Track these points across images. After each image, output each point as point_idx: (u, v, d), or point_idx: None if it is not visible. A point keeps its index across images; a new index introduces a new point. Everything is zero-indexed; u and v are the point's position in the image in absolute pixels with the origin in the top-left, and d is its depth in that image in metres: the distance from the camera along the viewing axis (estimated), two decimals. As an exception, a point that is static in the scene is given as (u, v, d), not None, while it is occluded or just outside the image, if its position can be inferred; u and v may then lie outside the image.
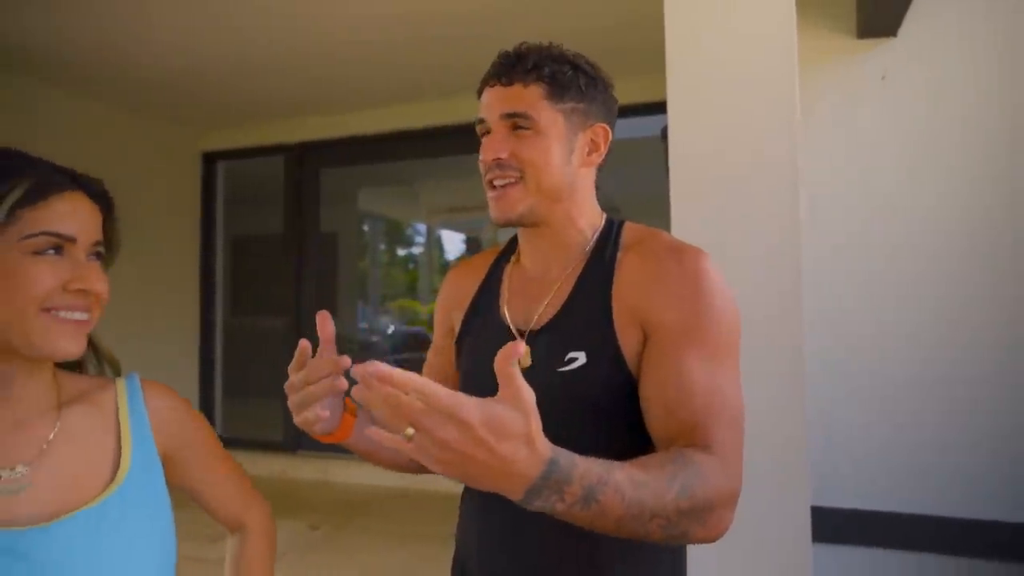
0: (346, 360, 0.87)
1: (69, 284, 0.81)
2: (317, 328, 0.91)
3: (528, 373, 0.97)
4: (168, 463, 0.93)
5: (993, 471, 2.36)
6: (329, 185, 5.59)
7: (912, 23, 2.53)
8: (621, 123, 1.13)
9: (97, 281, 0.83)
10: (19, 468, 0.81)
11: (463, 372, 1.14)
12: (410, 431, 0.64)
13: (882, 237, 2.53)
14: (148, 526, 0.86)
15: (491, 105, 1.03)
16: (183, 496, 1.00)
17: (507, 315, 1.09)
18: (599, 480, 0.72)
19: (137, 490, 0.86)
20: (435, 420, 0.63)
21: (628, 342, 0.96)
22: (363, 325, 8.11)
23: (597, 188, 1.12)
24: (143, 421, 0.92)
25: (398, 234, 9.65)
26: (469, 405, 0.63)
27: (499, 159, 1.01)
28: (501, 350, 0.65)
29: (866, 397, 2.49)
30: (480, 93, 1.07)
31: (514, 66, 1.02)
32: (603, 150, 1.07)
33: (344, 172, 6.07)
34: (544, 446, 0.68)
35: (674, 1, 1.85)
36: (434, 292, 9.48)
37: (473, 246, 8.97)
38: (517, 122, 1.01)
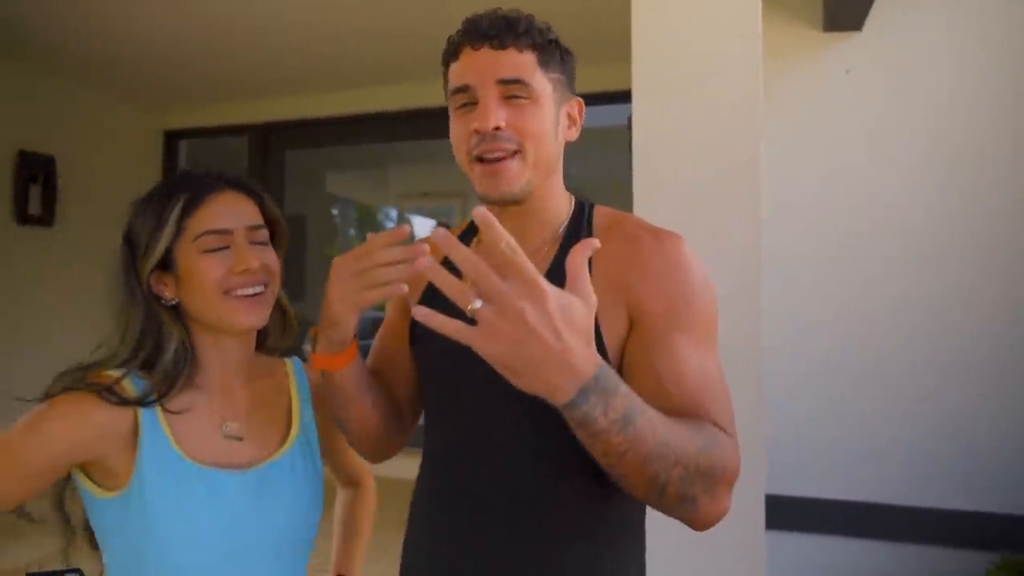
0: (406, 228, 0.87)
1: (234, 268, 0.98)
2: (391, 232, 0.87)
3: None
4: (319, 428, 1.13)
5: (945, 460, 2.42)
6: (297, 167, 5.50)
7: (877, 18, 2.55)
8: (587, 111, 1.09)
9: (255, 259, 0.99)
10: (234, 424, 1.04)
11: (423, 359, 1.06)
12: (477, 303, 0.64)
13: (842, 228, 2.57)
14: (311, 473, 1.08)
15: (481, 69, 0.93)
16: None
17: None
18: (639, 405, 0.73)
19: (302, 447, 1.08)
20: (514, 287, 0.63)
21: (610, 326, 0.92)
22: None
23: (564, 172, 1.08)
24: (306, 395, 1.13)
25: (369, 218, 9.56)
26: (554, 288, 0.64)
27: (498, 128, 0.92)
28: (578, 245, 0.67)
29: (818, 385, 2.54)
30: (454, 56, 0.98)
31: (506, 29, 0.94)
32: (579, 124, 1.03)
33: (312, 154, 5.98)
34: (596, 354, 0.68)
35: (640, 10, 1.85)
36: (402, 277, 9.51)
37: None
38: (513, 90, 0.93)
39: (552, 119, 0.97)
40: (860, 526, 2.46)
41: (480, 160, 0.94)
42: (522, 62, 0.94)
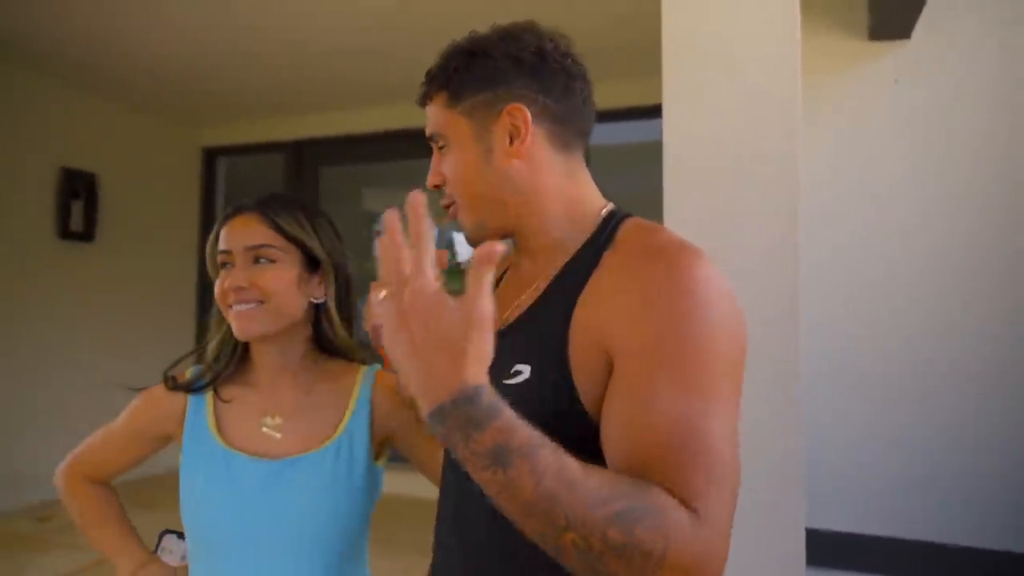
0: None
1: (226, 285, 1.09)
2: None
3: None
4: (392, 439, 1.19)
5: (992, 498, 2.26)
6: (333, 184, 5.51)
7: (926, 24, 2.43)
8: (618, 128, 0.99)
9: (243, 279, 1.08)
10: (277, 418, 1.13)
11: None
12: (383, 293, 0.64)
13: (888, 248, 2.44)
14: (343, 476, 1.11)
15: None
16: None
17: None
18: (519, 447, 0.62)
19: (341, 450, 1.12)
20: (411, 276, 0.63)
21: (583, 364, 0.78)
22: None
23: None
24: (365, 402, 1.17)
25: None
26: (433, 282, 0.62)
27: (436, 186, 0.94)
28: (481, 246, 0.63)
29: (857, 411, 2.40)
30: None
31: (426, 81, 0.95)
32: (526, 132, 0.88)
33: (348, 171, 6.00)
34: (474, 374, 0.62)
35: (671, 3, 1.77)
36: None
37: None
38: (437, 143, 0.94)
39: (477, 154, 0.90)
40: (906, 565, 2.30)
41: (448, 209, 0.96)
42: (433, 111, 0.93)
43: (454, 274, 0.87)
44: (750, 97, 1.70)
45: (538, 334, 0.85)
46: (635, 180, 3.92)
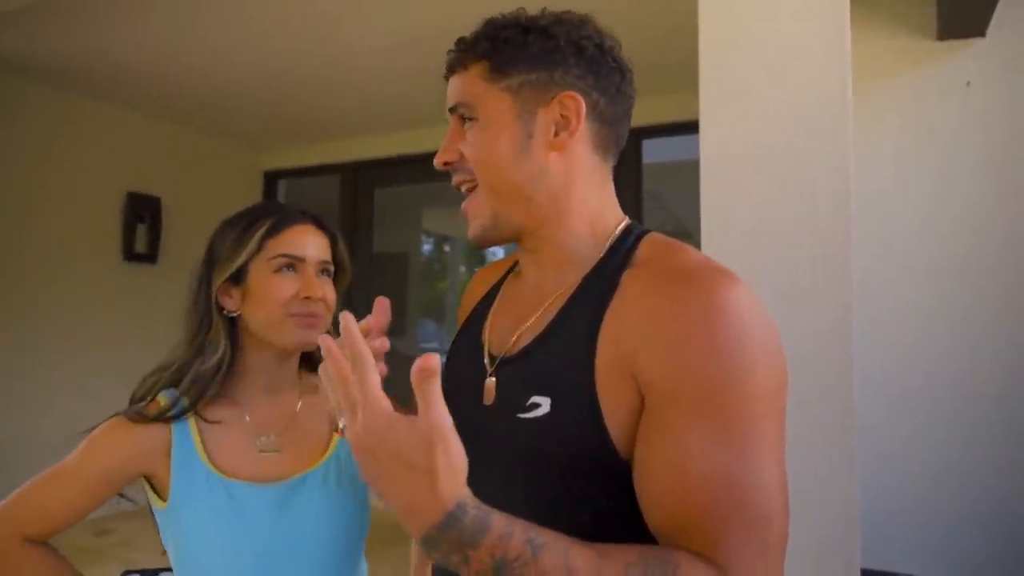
0: (385, 343, 0.78)
1: (300, 292, 1.07)
2: (373, 313, 0.79)
3: (490, 413, 0.81)
4: None
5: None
6: (393, 204, 5.54)
7: (1001, 21, 2.23)
8: (658, 144, 0.89)
9: (320, 289, 1.08)
10: (272, 436, 1.09)
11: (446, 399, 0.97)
12: (342, 421, 0.62)
13: (957, 264, 2.23)
14: (344, 492, 1.09)
15: (447, 98, 0.86)
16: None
17: (486, 335, 0.89)
18: (519, 557, 0.59)
19: (337, 465, 1.10)
20: (361, 400, 0.60)
21: (613, 397, 0.71)
22: (433, 345, 8.08)
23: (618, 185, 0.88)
24: None
25: (476, 255, 9.63)
26: (382, 405, 0.60)
27: (448, 163, 0.84)
28: (417, 360, 0.57)
29: (916, 447, 2.18)
30: None
31: (458, 48, 0.85)
32: (576, 125, 0.80)
33: (407, 191, 6.04)
34: (450, 490, 0.58)
35: (709, 7, 1.65)
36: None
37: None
38: (462, 114, 0.83)
39: (511, 134, 0.80)
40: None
41: (460, 189, 0.86)
42: (465, 82, 0.83)
43: None
44: (795, 106, 1.56)
45: (557, 363, 0.77)
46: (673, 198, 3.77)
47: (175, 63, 3.81)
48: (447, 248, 8.86)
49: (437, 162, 0.85)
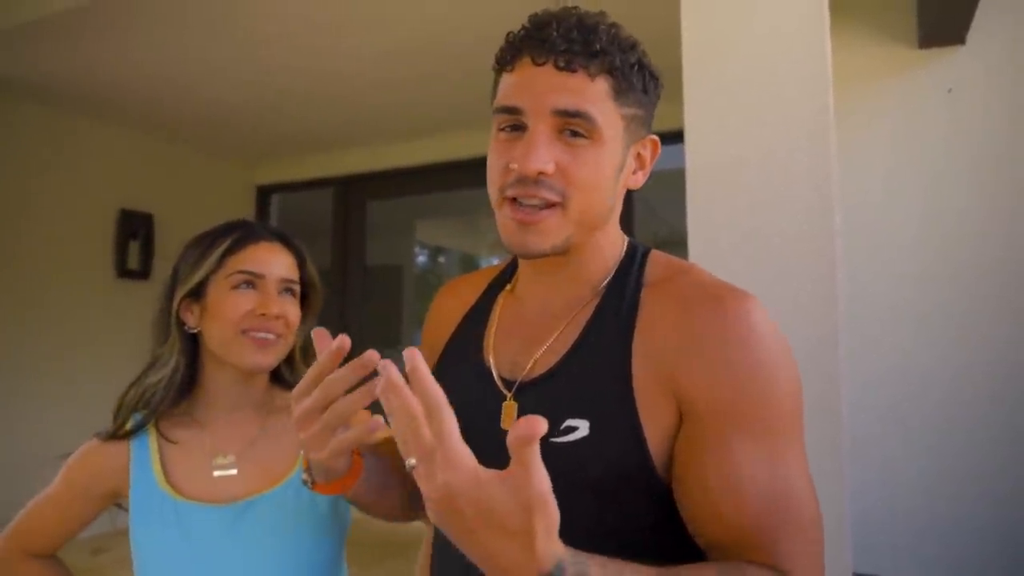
0: (373, 355, 0.68)
1: (256, 308, 1.05)
2: (315, 345, 0.73)
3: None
4: None
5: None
6: (386, 216, 5.54)
7: (981, 28, 2.26)
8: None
9: (276, 307, 1.06)
10: (230, 456, 1.07)
11: None
12: (412, 461, 0.57)
13: (946, 270, 2.24)
14: (305, 512, 1.05)
15: (538, 92, 0.75)
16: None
17: (491, 359, 0.86)
18: None
19: (293, 491, 1.05)
20: (440, 453, 0.55)
21: (655, 417, 0.73)
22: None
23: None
24: None
25: (471, 267, 9.64)
26: (468, 460, 0.55)
27: (544, 173, 0.74)
28: (518, 424, 0.51)
29: (909, 453, 2.19)
30: (509, 65, 0.79)
31: (579, 44, 0.74)
32: (648, 169, 0.84)
33: (403, 203, 6.05)
34: (548, 551, 0.55)
35: (692, 15, 1.67)
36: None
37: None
38: (573, 124, 0.74)
39: (615, 165, 0.78)
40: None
41: (512, 202, 0.77)
42: (591, 91, 0.75)
43: None
44: (778, 115, 1.58)
45: (593, 385, 0.76)
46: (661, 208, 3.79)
47: (166, 80, 3.82)
48: (442, 260, 8.87)
49: (533, 169, 0.74)
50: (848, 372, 1.50)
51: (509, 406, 0.81)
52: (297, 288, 1.12)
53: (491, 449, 0.76)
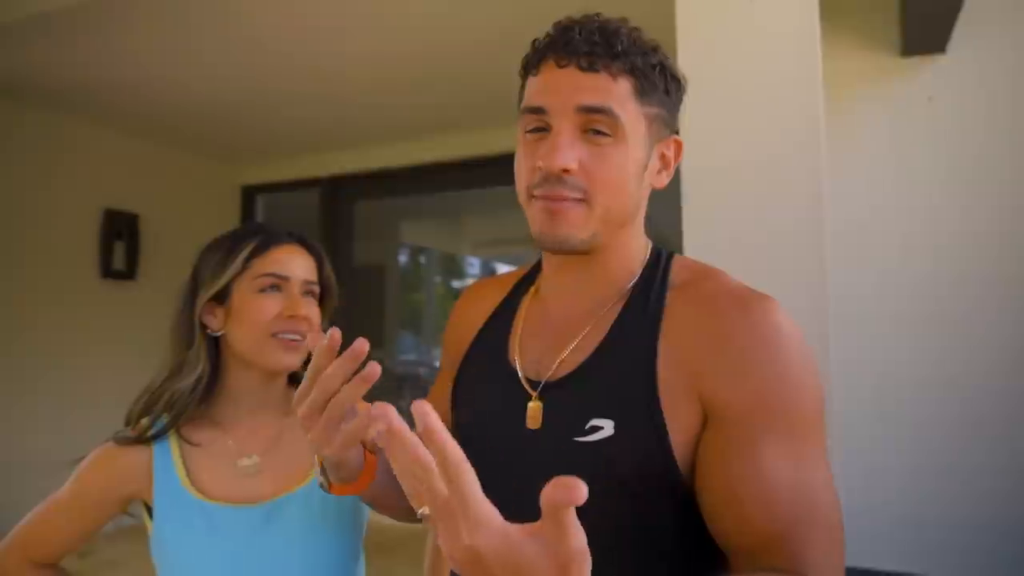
0: (363, 344, 0.68)
1: (284, 311, 1.07)
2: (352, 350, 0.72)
3: (537, 438, 0.81)
4: None
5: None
6: (373, 217, 5.54)
7: (962, 38, 2.33)
8: None
9: (304, 308, 1.08)
10: (253, 457, 1.08)
11: (461, 424, 0.92)
12: (425, 510, 0.53)
13: (926, 276, 2.31)
14: (330, 512, 1.06)
15: (562, 92, 0.77)
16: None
17: (516, 360, 0.87)
18: None
19: (318, 490, 1.01)
20: (459, 509, 0.50)
21: (679, 417, 0.74)
22: (411, 357, 8.06)
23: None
24: None
25: (453, 267, 9.63)
26: (494, 518, 0.50)
27: (568, 171, 0.76)
28: (555, 487, 0.46)
29: (904, 448, 2.26)
30: (534, 69, 0.81)
31: (601, 47, 0.77)
32: (672, 169, 0.85)
33: (387, 204, 6.05)
34: None
35: (687, 23, 1.71)
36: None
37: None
38: (596, 122, 0.77)
39: (638, 164, 0.80)
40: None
41: (542, 197, 0.79)
42: (614, 90, 0.77)
43: None
44: (771, 120, 1.63)
45: (618, 385, 0.77)
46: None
47: (151, 79, 3.80)
48: (422, 260, 8.86)
49: (557, 166, 0.76)
50: (838, 373, 1.55)
51: (534, 406, 0.81)
52: (317, 290, 1.14)
53: (515, 448, 0.80)
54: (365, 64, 3.62)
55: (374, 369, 0.69)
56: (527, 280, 0.96)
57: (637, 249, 0.86)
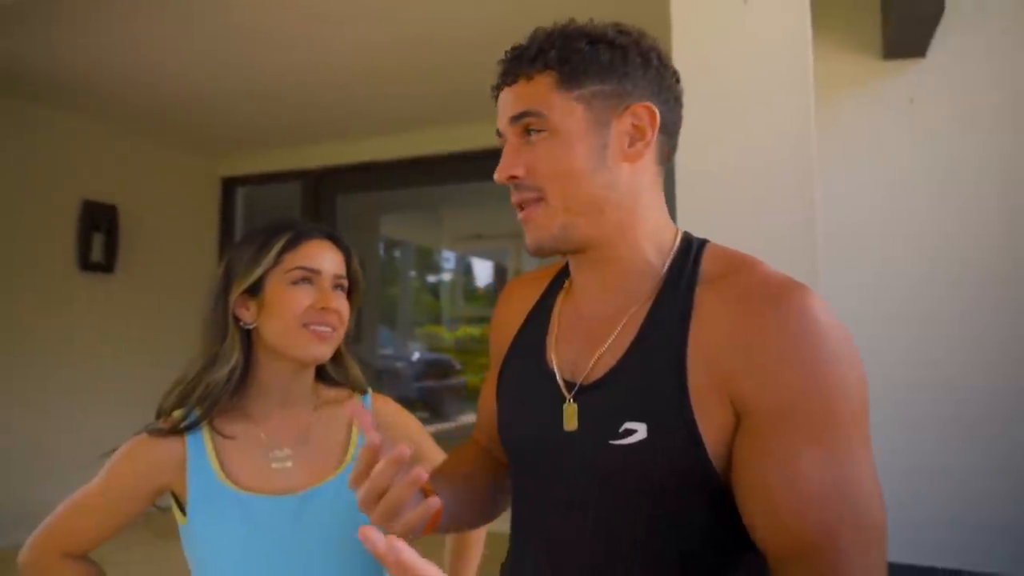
0: (404, 450, 0.74)
1: (316, 303, 1.09)
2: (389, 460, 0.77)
3: (573, 439, 0.81)
4: None
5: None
6: (351, 211, 5.52)
7: (942, 42, 2.39)
8: None
9: (335, 301, 1.11)
10: (285, 449, 1.12)
11: (502, 424, 0.93)
12: None
13: (909, 275, 2.37)
14: (351, 507, 1.03)
15: (501, 112, 0.84)
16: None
17: (553, 360, 0.86)
18: None
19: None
20: None
21: (711, 418, 0.72)
22: (388, 351, 8.06)
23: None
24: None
25: (429, 261, 9.61)
26: None
27: (514, 177, 0.81)
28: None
29: (898, 448, 2.32)
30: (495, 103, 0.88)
31: (515, 60, 0.82)
32: (651, 136, 0.81)
33: (366, 198, 6.03)
34: None
35: (681, 18, 1.75)
36: (458, 319, 9.44)
37: (502, 274, 8.88)
38: (528, 125, 0.80)
39: (589, 147, 0.79)
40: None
41: (519, 208, 0.83)
42: (532, 90, 0.80)
43: None
44: (763, 121, 1.67)
45: (649, 388, 0.77)
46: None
47: (131, 69, 3.75)
48: (397, 254, 8.82)
49: (501, 176, 0.82)
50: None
51: (570, 408, 0.82)
52: (345, 283, 1.17)
53: (554, 449, 0.82)
54: (347, 57, 3.61)
55: (419, 474, 0.73)
56: (562, 275, 0.95)
57: (652, 238, 0.83)
